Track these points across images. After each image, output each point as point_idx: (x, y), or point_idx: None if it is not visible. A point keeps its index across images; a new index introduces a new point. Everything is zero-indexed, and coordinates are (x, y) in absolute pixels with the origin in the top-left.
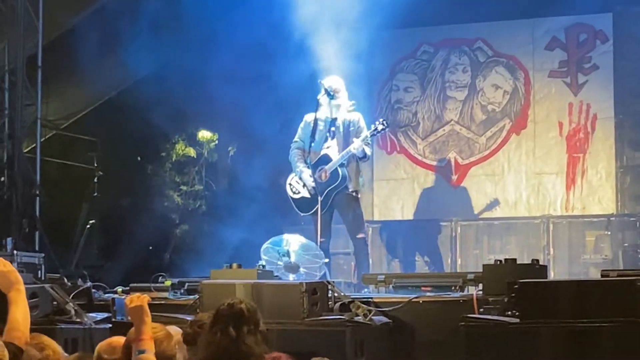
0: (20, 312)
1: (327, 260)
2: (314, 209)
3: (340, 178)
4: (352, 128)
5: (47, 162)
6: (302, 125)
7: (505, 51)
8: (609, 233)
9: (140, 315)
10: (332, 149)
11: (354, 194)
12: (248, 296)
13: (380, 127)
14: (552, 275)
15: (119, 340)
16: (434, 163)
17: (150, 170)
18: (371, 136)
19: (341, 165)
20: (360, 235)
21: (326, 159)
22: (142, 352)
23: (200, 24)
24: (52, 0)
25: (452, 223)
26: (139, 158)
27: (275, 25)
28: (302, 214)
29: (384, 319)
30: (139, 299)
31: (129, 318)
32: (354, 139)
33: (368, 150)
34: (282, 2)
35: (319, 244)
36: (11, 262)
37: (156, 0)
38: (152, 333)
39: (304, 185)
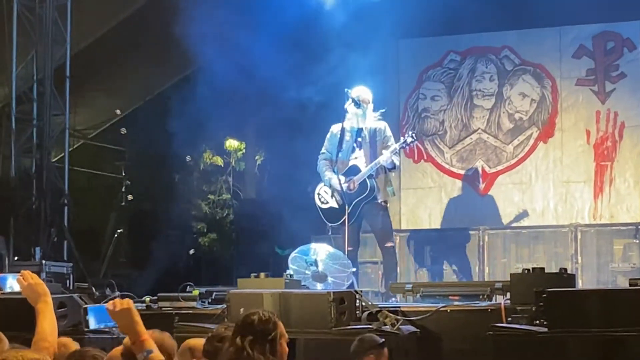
0: (47, 324)
1: (354, 269)
2: (342, 219)
3: (368, 189)
4: (378, 137)
5: (75, 171)
6: (328, 136)
7: (532, 59)
8: (637, 241)
9: (130, 317)
10: (359, 159)
11: (383, 203)
12: (276, 305)
13: (409, 139)
14: (580, 284)
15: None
16: (461, 172)
17: (178, 179)
18: (400, 148)
19: (369, 176)
20: (388, 244)
21: (355, 170)
22: (151, 351)
23: (229, 32)
24: (80, 11)
25: (480, 232)
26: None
27: (302, 33)
28: (329, 224)
29: (412, 328)
30: (121, 303)
31: (116, 324)
32: (383, 151)
33: (396, 160)
34: (309, 11)
35: (346, 253)
36: (39, 272)
37: (184, 10)
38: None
39: (333, 194)
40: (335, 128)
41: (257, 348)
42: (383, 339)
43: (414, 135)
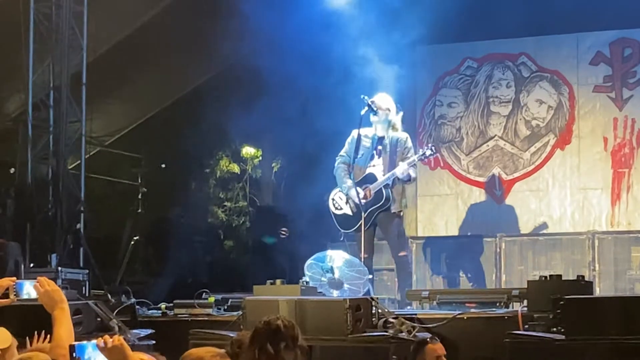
0: (64, 330)
1: (370, 276)
2: (355, 227)
3: (384, 199)
4: (399, 148)
5: (91, 178)
6: (349, 140)
7: (549, 66)
8: None
9: (122, 353)
10: (377, 167)
11: (397, 212)
12: (291, 312)
13: (428, 152)
14: (597, 292)
15: None
16: (478, 179)
17: (194, 186)
18: (418, 160)
19: (386, 186)
20: (402, 254)
21: (371, 178)
22: None
23: (247, 41)
24: (97, 18)
25: (497, 239)
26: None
27: (320, 40)
28: (342, 231)
29: (428, 336)
30: (112, 340)
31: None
32: (399, 162)
33: (413, 173)
34: (327, 18)
35: (362, 260)
36: (55, 279)
37: (199, 17)
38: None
39: (347, 201)
40: (356, 132)
41: (289, 354)
42: (428, 335)
43: (433, 148)
